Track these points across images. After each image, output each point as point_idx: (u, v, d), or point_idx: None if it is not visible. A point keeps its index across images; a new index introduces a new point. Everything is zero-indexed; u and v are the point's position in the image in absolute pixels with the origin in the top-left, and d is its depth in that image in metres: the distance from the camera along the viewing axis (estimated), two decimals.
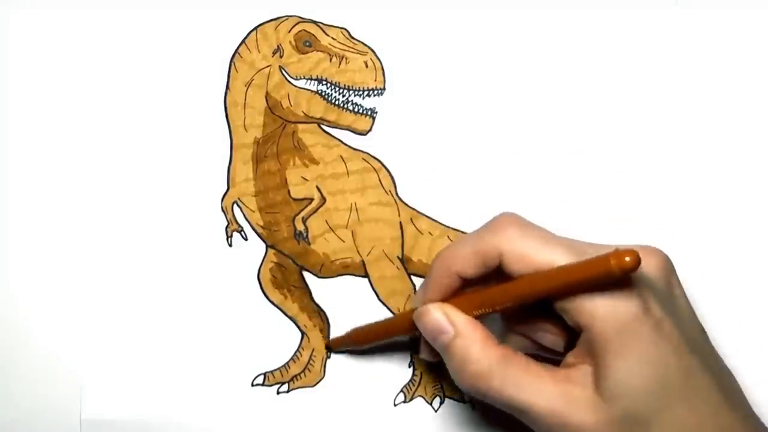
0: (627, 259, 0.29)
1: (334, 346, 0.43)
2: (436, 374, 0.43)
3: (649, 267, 0.32)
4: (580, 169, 0.43)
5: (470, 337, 0.34)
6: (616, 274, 0.29)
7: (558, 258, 0.32)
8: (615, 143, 0.44)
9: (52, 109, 0.44)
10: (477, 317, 0.34)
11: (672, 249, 0.43)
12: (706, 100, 0.44)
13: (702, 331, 0.34)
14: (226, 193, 0.44)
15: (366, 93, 0.44)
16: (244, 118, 0.44)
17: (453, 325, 0.34)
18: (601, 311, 0.31)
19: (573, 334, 0.33)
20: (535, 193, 0.43)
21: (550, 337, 0.35)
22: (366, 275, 0.43)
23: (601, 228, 0.43)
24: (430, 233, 0.43)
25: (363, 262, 0.43)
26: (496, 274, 0.34)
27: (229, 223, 0.44)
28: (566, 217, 0.43)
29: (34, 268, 0.44)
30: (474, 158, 0.44)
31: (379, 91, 0.44)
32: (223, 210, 0.44)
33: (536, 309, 0.34)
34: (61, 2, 0.45)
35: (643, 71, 0.44)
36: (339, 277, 0.44)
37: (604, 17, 0.44)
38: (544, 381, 0.32)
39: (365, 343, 0.42)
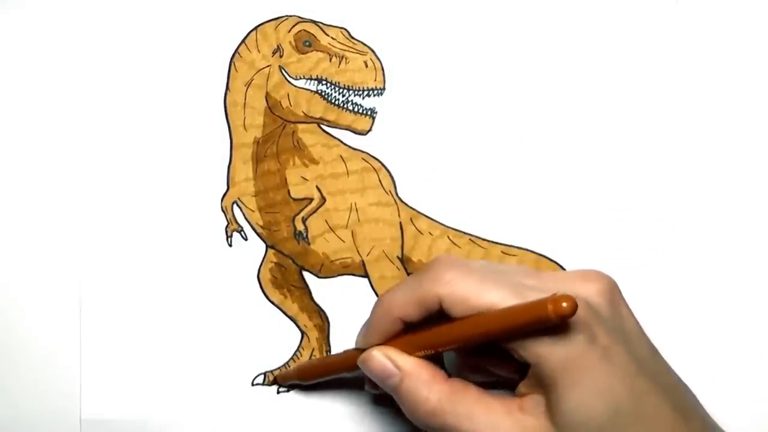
0: (564, 305, 0.29)
1: (280, 380, 0.43)
2: None
3: (592, 293, 0.32)
4: (579, 166, 0.43)
5: (417, 377, 0.34)
6: (553, 320, 0.29)
7: (497, 300, 0.32)
8: (615, 142, 0.44)
9: (52, 109, 0.44)
10: (422, 357, 0.35)
11: (672, 239, 0.43)
12: (706, 95, 0.44)
13: (652, 350, 0.34)
14: (226, 192, 0.44)
15: (366, 93, 0.44)
16: (244, 117, 0.44)
17: (399, 368, 0.34)
18: (546, 349, 0.31)
19: (525, 363, 0.33)
20: (535, 191, 0.43)
21: (502, 367, 0.36)
22: (366, 275, 0.43)
23: (602, 220, 0.43)
24: (430, 233, 0.43)
25: (363, 262, 0.43)
26: (439, 315, 0.34)
27: (229, 223, 0.44)
28: (567, 212, 0.43)
29: (33, 267, 0.44)
30: (474, 158, 0.44)
31: (379, 91, 0.44)
32: (223, 210, 0.44)
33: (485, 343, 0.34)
34: (62, 2, 0.45)
35: (643, 69, 0.44)
36: (339, 277, 0.44)
37: (605, 17, 0.44)
38: (497, 412, 0.32)
39: (310, 378, 0.41)
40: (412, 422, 0.35)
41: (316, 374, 0.41)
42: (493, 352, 0.35)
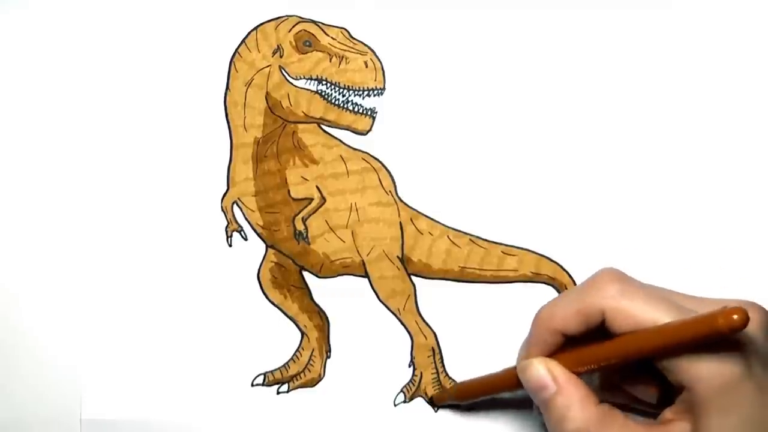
0: (735, 317, 0.29)
1: (436, 401, 0.42)
2: (435, 374, 0.43)
3: (750, 324, 0.32)
4: (580, 166, 0.43)
5: (571, 394, 0.34)
6: (725, 332, 0.29)
7: (661, 316, 0.32)
8: (615, 142, 0.44)
9: (52, 109, 0.44)
10: (580, 374, 0.34)
11: (672, 239, 0.43)
12: (705, 95, 0.44)
13: None
14: (226, 192, 0.44)
15: (366, 93, 0.44)
16: (244, 117, 0.44)
17: (555, 381, 0.34)
18: (705, 372, 0.31)
19: (668, 389, 0.33)
20: (535, 191, 0.43)
21: (644, 390, 0.35)
22: (366, 275, 0.43)
23: (602, 220, 0.43)
24: (430, 233, 0.43)
25: (363, 262, 0.43)
26: (598, 329, 0.34)
27: (229, 223, 0.44)
28: (567, 212, 0.43)
29: (34, 268, 0.44)
30: (474, 158, 0.44)
31: (379, 91, 0.44)
32: (223, 210, 0.44)
33: (633, 363, 0.34)
34: (62, 2, 0.45)
35: (642, 71, 0.44)
36: (339, 277, 0.44)
37: (605, 17, 0.44)
38: None
39: (469, 398, 0.41)
40: None
41: (475, 393, 0.41)
42: (638, 372, 0.35)
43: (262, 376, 0.43)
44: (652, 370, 0.33)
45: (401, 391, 0.43)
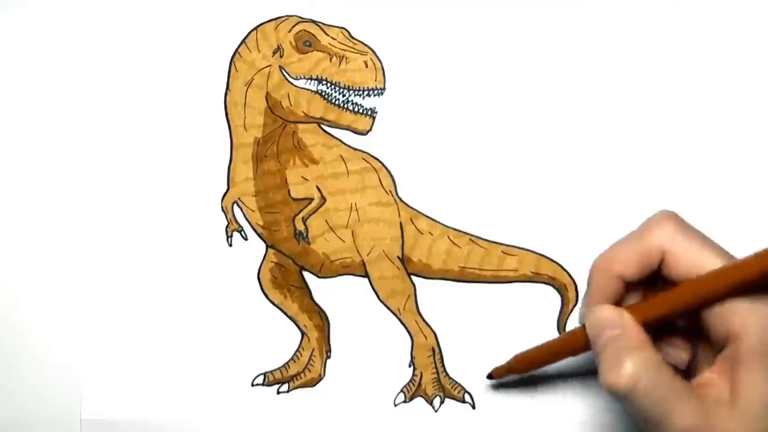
0: None
1: (496, 375, 0.42)
2: (435, 374, 0.43)
3: None
4: (579, 166, 0.43)
5: (633, 339, 0.33)
6: None
7: (718, 257, 0.32)
8: (615, 142, 0.44)
9: (52, 109, 0.44)
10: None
11: None
12: (705, 95, 0.44)
13: None
14: (226, 192, 0.44)
15: (366, 93, 0.44)
16: (244, 117, 0.44)
17: (620, 321, 0.33)
18: (757, 320, 0.31)
19: (698, 352, 0.33)
20: (535, 191, 0.43)
21: (675, 352, 0.35)
22: (366, 275, 0.43)
23: (602, 220, 0.43)
24: (430, 233, 0.43)
25: (363, 262, 0.43)
26: (655, 278, 0.34)
27: (229, 223, 0.44)
28: (567, 212, 0.43)
29: (33, 268, 0.44)
30: (474, 158, 0.44)
31: (379, 91, 0.44)
32: (223, 210, 0.44)
33: (666, 323, 0.34)
34: (63, 2, 0.45)
35: (642, 70, 0.44)
36: (339, 277, 0.44)
37: (605, 18, 0.44)
38: (686, 397, 0.32)
39: (529, 368, 0.40)
40: (602, 382, 0.33)
41: (536, 362, 0.40)
42: (672, 332, 0.35)
43: (262, 376, 0.43)
44: (686, 330, 0.33)
45: (401, 391, 0.43)
